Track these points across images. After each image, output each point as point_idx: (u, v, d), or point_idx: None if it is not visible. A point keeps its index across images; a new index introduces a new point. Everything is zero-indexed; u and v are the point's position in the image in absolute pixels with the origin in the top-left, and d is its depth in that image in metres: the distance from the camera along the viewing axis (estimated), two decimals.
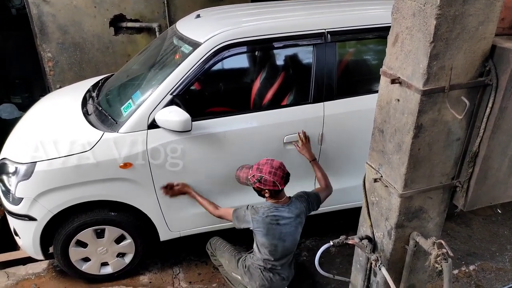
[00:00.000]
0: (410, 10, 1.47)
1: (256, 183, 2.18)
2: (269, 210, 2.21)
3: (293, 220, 2.25)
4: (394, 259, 1.87)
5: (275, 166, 2.16)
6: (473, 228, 3.36)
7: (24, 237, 2.57)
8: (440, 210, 1.83)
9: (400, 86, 1.56)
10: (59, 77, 4.60)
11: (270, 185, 2.15)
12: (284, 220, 2.22)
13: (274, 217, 2.20)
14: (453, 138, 1.64)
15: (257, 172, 2.17)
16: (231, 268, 2.51)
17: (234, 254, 2.50)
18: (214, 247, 2.64)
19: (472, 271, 2.92)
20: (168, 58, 2.83)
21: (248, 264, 2.38)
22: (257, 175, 2.16)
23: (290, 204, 2.27)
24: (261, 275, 2.33)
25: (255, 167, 2.20)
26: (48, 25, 4.36)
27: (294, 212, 2.26)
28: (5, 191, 2.52)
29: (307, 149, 2.60)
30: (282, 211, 2.23)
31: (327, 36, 2.58)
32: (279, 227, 2.21)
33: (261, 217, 2.20)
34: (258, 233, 2.23)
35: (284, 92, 2.83)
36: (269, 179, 2.14)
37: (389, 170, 1.72)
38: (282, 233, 2.22)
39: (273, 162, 2.19)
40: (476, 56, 1.47)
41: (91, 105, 2.84)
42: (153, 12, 4.63)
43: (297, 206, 2.29)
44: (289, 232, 2.25)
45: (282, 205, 2.24)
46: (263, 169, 2.16)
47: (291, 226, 2.25)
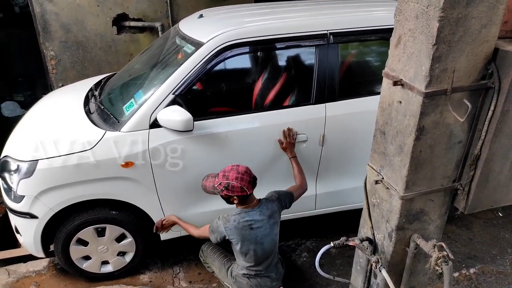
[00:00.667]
0: (413, 12, 1.47)
1: (224, 191, 2.14)
2: (239, 216, 2.18)
3: (266, 222, 2.23)
4: (395, 261, 1.87)
5: (241, 171, 2.12)
6: (474, 231, 3.36)
7: (25, 234, 2.58)
8: (441, 213, 1.83)
9: (402, 88, 1.56)
10: (62, 75, 4.61)
11: (238, 191, 2.12)
12: (257, 224, 2.20)
13: (246, 222, 2.18)
14: (454, 141, 1.64)
15: (224, 179, 2.13)
16: (222, 277, 2.50)
17: (224, 263, 2.47)
18: (205, 254, 2.61)
19: (472, 274, 2.92)
20: (170, 58, 2.84)
21: (235, 274, 2.37)
22: (224, 182, 2.12)
23: (260, 206, 2.24)
24: (249, 283, 2.32)
25: (221, 175, 2.16)
26: (51, 24, 4.37)
27: (265, 213, 2.24)
28: (7, 188, 2.52)
29: (290, 147, 2.58)
30: (253, 215, 2.20)
31: (330, 37, 2.58)
32: (253, 231, 2.19)
33: (233, 224, 2.17)
34: (233, 241, 2.22)
35: (286, 92, 2.83)
36: (236, 185, 2.10)
37: (391, 172, 1.72)
38: (257, 237, 2.20)
39: (238, 167, 2.15)
40: (478, 59, 1.47)
41: (93, 103, 2.85)
42: (156, 12, 4.64)
43: (268, 207, 2.26)
44: (265, 234, 2.23)
45: (252, 208, 2.21)
46: (229, 175, 2.12)
47: (265, 228, 2.23)
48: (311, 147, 2.69)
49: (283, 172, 2.69)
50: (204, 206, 2.69)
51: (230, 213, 2.23)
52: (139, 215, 2.65)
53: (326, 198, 2.91)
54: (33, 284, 2.82)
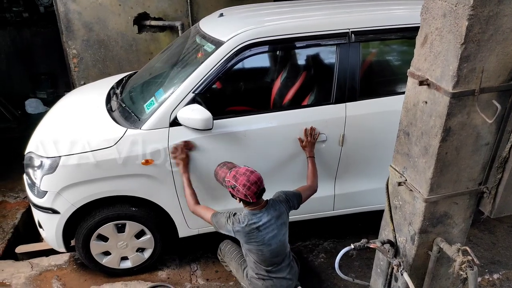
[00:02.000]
0: (440, 10, 1.43)
1: (229, 188, 2.15)
2: (247, 218, 2.17)
3: (273, 223, 2.21)
4: (417, 265, 1.83)
5: (251, 180, 2.09)
6: (497, 236, 3.27)
7: (47, 229, 2.63)
8: (465, 216, 1.78)
9: (428, 88, 1.52)
10: (84, 73, 4.70)
11: (241, 196, 2.11)
12: (264, 225, 2.18)
13: (253, 224, 2.16)
14: (481, 143, 1.59)
15: (233, 180, 2.11)
16: (239, 277, 2.52)
17: (241, 263, 2.48)
18: (223, 253, 2.62)
19: (496, 279, 2.84)
20: (190, 57, 2.85)
21: (250, 276, 2.37)
22: (232, 183, 2.12)
23: (268, 208, 2.22)
24: (264, 284, 2.32)
25: (233, 174, 2.13)
26: (74, 23, 4.45)
27: (273, 214, 2.21)
28: (31, 184, 2.58)
29: (309, 146, 2.55)
30: (261, 217, 2.18)
31: (351, 36, 2.54)
32: (260, 233, 2.17)
33: (241, 226, 2.16)
34: (241, 241, 2.23)
35: (305, 92, 2.81)
36: (241, 191, 2.09)
37: (414, 173, 1.68)
38: (265, 238, 2.19)
39: (251, 175, 2.10)
40: (509, 59, 1.43)
41: (115, 101, 2.89)
42: (176, 11, 4.67)
43: (275, 208, 2.24)
44: (273, 236, 2.21)
45: (259, 210, 2.19)
46: (239, 179, 2.09)
47: (273, 229, 2.21)
48: (331, 147, 2.66)
49: (299, 172, 2.67)
50: (221, 205, 2.69)
51: (238, 214, 2.22)
52: (158, 212, 2.68)
53: (345, 199, 2.87)
54: (54, 278, 2.88)
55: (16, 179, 3.82)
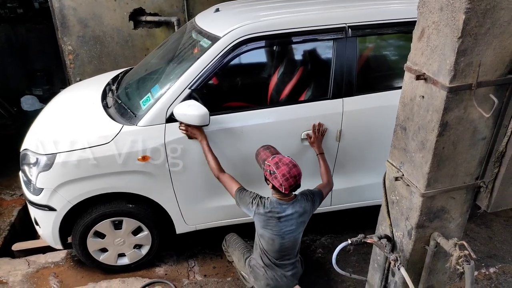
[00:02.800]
0: (437, 4, 1.42)
1: (266, 172, 2.18)
2: (272, 205, 2.19)
3: (295, 218, 2.23)
4: (414, 260, 1.83)
5: (292, 173, 2.11)
6: (494, 230, 3.28)
7: (44, 226, 2.62)
8: (462, 211, 1.78)
9: (425, 83, 1.51)
10: (79, 70, 4.67)
11: (277, 184, 2.13)
12: (285, 218, 2.20)
13: (276, 213, 2.19)
14: (478, 137, 1.59)
15: (274, 166, 2.14)
16: (240, 266, 2.55)
17: (244, 253, 2.52)
18: (228, 243, 2.67)
19: (492, 273, 2.85)
20: (186, 52, 2.83)
21: (253, 264, 2.39)
22: (272, 168, 2.14)
23: (294, 202, 2.24)
24: (265, 275, 2.33)
25: (276, 160, 2.15)
26: (69, 19, 4.42)
27: (298, 210, 2.23)
28: (27, 181, 2.57)
29: (318, 142, 2.56)
30: (286, 209, 2.20)
31: (348, 31, 2.53)
32: (279, 224, 2.20)
33: (264, 211, 2.19)
34: (257, 225, 2.25)
35: (302, 87, 2.80)
36: (279, 180, 2.11)
37: (411, 168, 1.68)
38: (281, 230, 2.21)
39: (293, 168, 2.13)
40: (506, 52, 1.42)
41: (110, 98, 2.87)
42: (172, 6, 4.64)
43: (301, 205, 2.26)
44: (289, 230, 2.23)
45: (286, 202, 2.21)
46: (281, 168, 2.12)
47: (292, 224, 2.23)
48: (328, 143, 2.66)
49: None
50: (219, 201, 2.69)
51: (265, 199, 2.23)
52: (155, 209, 2.67)
53: (342, 194, 2.87)
54: (51, 275, 2.88)
55: (12, 176, 3.80)
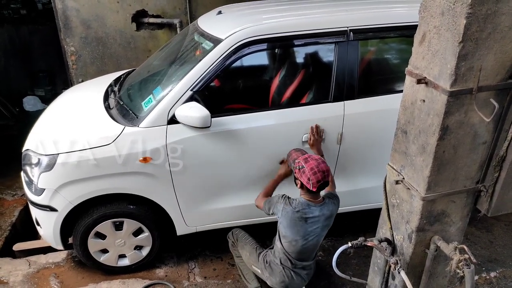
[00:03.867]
0: (438, 8, 1.43)
1: (296, 169, 2.20)
2: (301, 206, 2.20)
3: (321, 221, 2.24)
4: (414, 263, 1.83)
5: (320, 167, 2.12)
6: (495, 234, 3.27)
7: (45, 227, 2.63)
8: (463, 215, 1.79)
9: (426, 87, 1.52)
10: (82, 71, 4.68)
11: (304, 179, 2.14)
12: (312, 219, 2.21)
13: (304, 214, 2.19)
14: (479, 141, 1.59)
15: (303, 161, 2.16)
16: (251, 261, 2.52)
17: (256, 248, 2.52)
18: (236, 237, 2.66)
19: (493, 278, 2.85)
20: (189, 54, 2.85)
21: (269, 260, 2.40)
22: (301, 163, 2.16)
23: (323, 205, 2.25)
24: (283, 272, 2.34)
25: (305, 156, 2.19)
26: (72, 20, 4.44)
27: (325, 213, 2.24)
28: (28, 181, 2.58)
29: (317, 145, 2.57)
30: (314, 210, 2.21)
31: (350, 34, 2.54)
32: (305, 225, 2.20)
33: (291, 210, 2.19)
34: (282, 224, 2.24)
35: (304, 90, 2.80)
36: (306, 174, 2.12)
37: (412, 172, 1.68)
38: (306, 232, 2.22)
39: (321, 163, 2.15)
40: (507, 57, 1.42)
41: (112, 99, 2.88)
42: (175, 8, 4.66)
43: (329, 208, 2.27)
44: (314, 233, 2.24)
45: (315, 204, 2.22)
46: (309, 162, 2.14)
47: (317, 227, 2.24)
48: (329, 146, 2.66)
49: None
50: (220, 202, 2.70)
51: (294, 199, 2.24)
52: (156, 210, 2.67)
53: (343, 197, 2.85)
54: (52, 275, 2.88)
55: (14, 177, 3.81)
